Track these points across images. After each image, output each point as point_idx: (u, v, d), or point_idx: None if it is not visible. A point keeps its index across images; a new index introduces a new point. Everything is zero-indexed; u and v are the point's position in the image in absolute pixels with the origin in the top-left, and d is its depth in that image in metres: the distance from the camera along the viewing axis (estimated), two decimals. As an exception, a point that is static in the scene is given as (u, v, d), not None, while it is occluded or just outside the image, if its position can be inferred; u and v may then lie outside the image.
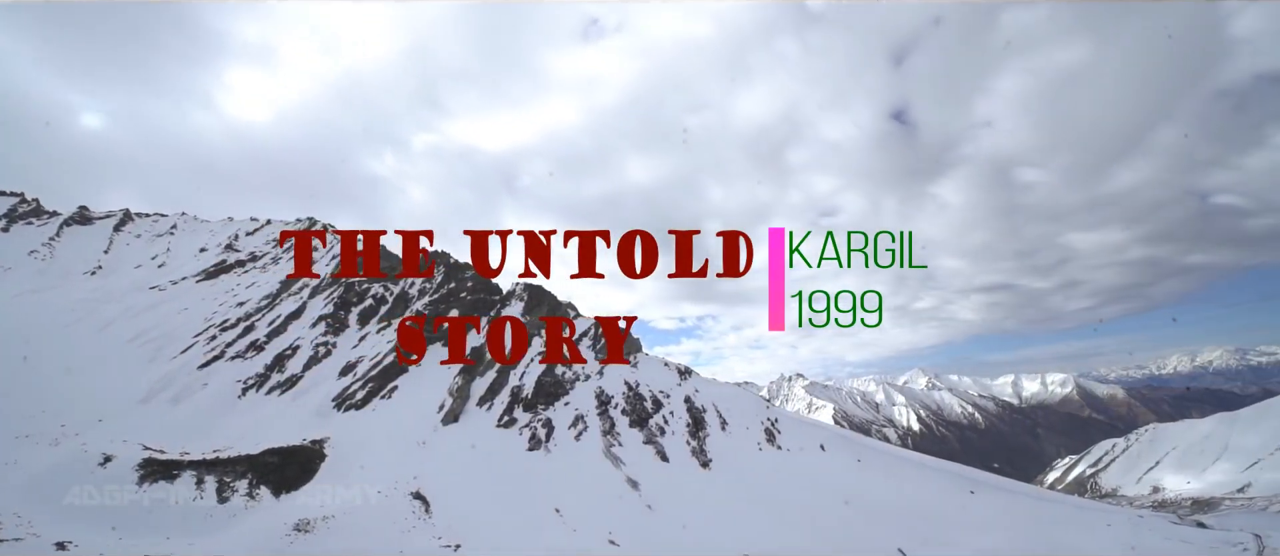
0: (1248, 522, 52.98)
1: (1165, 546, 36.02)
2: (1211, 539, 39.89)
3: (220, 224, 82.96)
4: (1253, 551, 35.57)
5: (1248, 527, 47.04)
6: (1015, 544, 35.20)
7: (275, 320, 52.82)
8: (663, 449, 45.18)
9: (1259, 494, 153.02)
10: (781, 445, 51.14)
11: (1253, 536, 40.62)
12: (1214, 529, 46.47)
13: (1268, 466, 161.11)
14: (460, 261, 64.06)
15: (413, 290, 60.06)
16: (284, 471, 32.50)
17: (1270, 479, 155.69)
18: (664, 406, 51.45)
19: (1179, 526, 47.07)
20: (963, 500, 44.91)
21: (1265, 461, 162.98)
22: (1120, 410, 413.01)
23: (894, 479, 48.20)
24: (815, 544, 34.39)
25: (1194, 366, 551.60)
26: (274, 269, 65.92)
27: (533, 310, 59.76)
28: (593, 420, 46.60)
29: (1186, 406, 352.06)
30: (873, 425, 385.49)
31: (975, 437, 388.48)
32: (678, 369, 60.99)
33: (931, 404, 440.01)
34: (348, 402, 42.47)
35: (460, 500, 33.31)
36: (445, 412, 42.66)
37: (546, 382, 49.25)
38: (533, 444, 41.85)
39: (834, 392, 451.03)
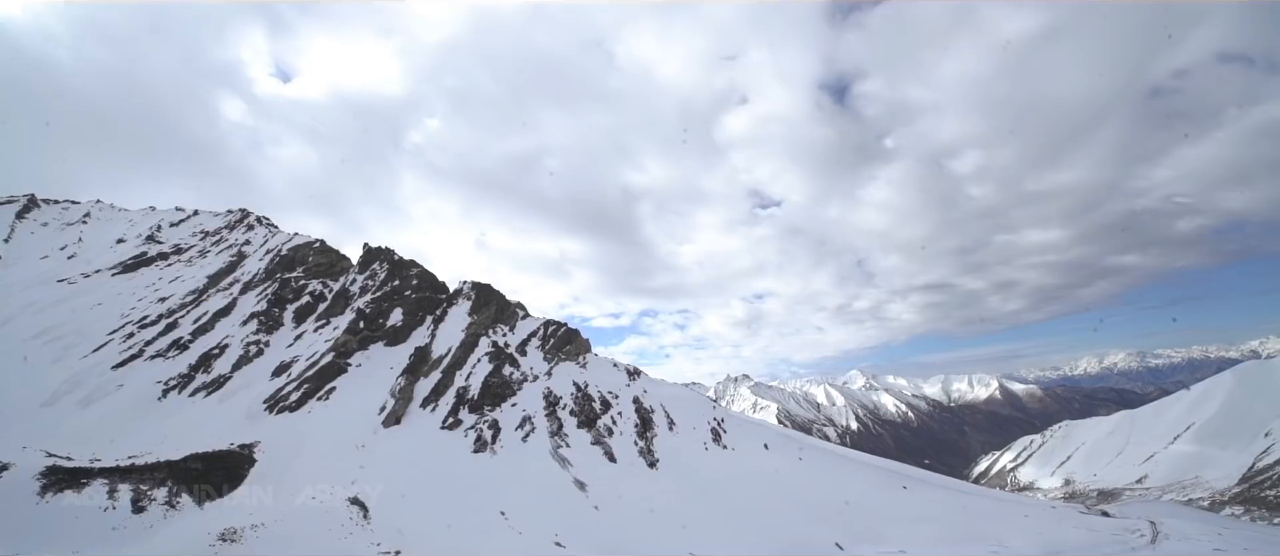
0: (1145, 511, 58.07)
1: (1075, 535, 38.98)
2: (1114, 526, 43.51)
3: (140, 213, 77.26)
4: (1148, 536, 39.07)
5: (1144, 515, 51.61)
6: (944, 535, 37.29)
7: (202, 317, 49.71)
8: (611, 449, 45.30)
9: (1154, 484, 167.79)
10: (727, 445, 52.22)
11: (1148, 523, 44.58)
12: (1116, 517, 50.74)
13: (1162, 460, 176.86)
14: (404, 258, 62.12)
15: (354, 287, 57.79)
16: (209, 478, 30.62)
17: (1164, 470, 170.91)
18: (613, 407, 51.61)
19: (1087, 516, 51.08)
20: (896, 495, 47.16)
21: (1160, 455, 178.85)
22: (1037, 408, 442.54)
23: (833, 476, 50.10)
24: (759, 540, 35.34)
25: (1102, 368, 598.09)
26: (201, 263, 61.98)
27: (480, 309, 58.68)
28: (540, 421, 46.23)
29: (1095, 405, 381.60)
30: (814, 424, 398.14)
31: (909, 435, 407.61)
32: (627, 370, 61.27)
33: (869, 404, 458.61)
34: (281, 404, 40.45)
35: (401, 504, 32.35)
36: (387, 414, 41.32)
37: (494, 383, 48.48)
38: (479, 445, 41.11)
39: (778, 393, 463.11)
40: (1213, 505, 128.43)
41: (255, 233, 69.12)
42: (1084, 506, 67.85)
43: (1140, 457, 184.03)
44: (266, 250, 63.44)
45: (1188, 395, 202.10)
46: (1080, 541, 37.03)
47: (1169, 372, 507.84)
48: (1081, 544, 36.14)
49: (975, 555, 32.66)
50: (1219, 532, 42.79)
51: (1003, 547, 34.24)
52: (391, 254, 62.07)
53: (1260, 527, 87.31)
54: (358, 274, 59.71)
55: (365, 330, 50.56)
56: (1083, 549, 34.69)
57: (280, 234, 68.20)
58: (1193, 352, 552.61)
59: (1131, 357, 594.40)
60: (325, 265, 60.34)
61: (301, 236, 65.62)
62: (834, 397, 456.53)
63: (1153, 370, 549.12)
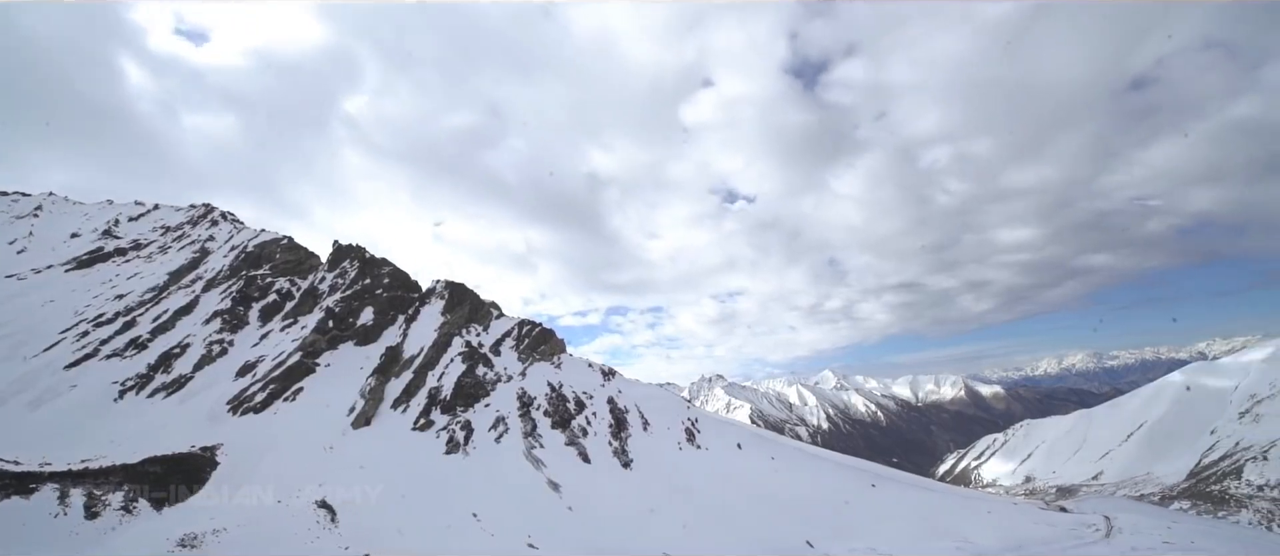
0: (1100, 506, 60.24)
1: (1035, 530, 40.29)
2: (1072, 522, 45.09)
3: (97, 207, 74.25)
4: (1103, 531, 40.61)
5: (1100, 510, 53.56)
6: (911, 532, 38.19)
7: (162, 316, 48.03)
8: (585, 450, 45.23)
9: (1109, 480, 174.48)
10: (701, 444, 52.60)
11: (1103, 518, 46.34)
12: (1074, 513, 52.54)
13: (1116, 456, 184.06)
14: (376, 256, 61.01)
15: (323, 285, 56.51)
16: (168, 482, 29.64)
17: (1118, 467, 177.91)
18: (587, 407, 51.53)
19: (1046, 512, 52.84)
20: (865, 493, 48.10)
21: (1114, 452, 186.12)
22: (1001, 408, 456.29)
23: (804, 475, 50.88)
24: (732, 540, 35.71)
25: (1061, 368, 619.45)
26: (162, 259, 59.86)
27: (454, 309, 57.97)
28: (514, 422, 45.91)
29: (1054, 404, 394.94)
30: (786, 424, 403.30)
31: (878, 434, 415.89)
32: (602, 370, 61.23)
33: (840, 403, 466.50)
34: (245, 406, 39.34)
35: (370, 507, 31.78)
36: (356, 415, 40.53)
37: (467, 384, 47.95)
38: (451, 447, 40.63)
39: (751, 393, 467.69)
40: (1162, 500, 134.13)
41: (219, 228, 67.05)
42: (1044, 502, 70.17)
43: (1096, 455, 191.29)
44: (231, 246, 61.61)
45: (1140, 395, 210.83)
46: (1040, 536, 38.29)
47: (1123, 373, 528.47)
48: (1041, 538, 37.39)
49: (941, 551, 33.52)
50: (1168, 526, 44.68)
51: (967, 543, 35.23)
52: (362, 252, 60.89)
53: (1206, 521, 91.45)
54: (327, 272, 58.42)
55: (334, 329, 49.50)
56: (1042, 543, 35.88)
57: (246, 230, 66.30)
58: (1145, 353, 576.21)
59: (1089, 358, 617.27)
60: (293, 263, 58.86)
61: (268, 233, 63.89)
62: (806, 398, 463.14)
63: (1109, 370, 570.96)
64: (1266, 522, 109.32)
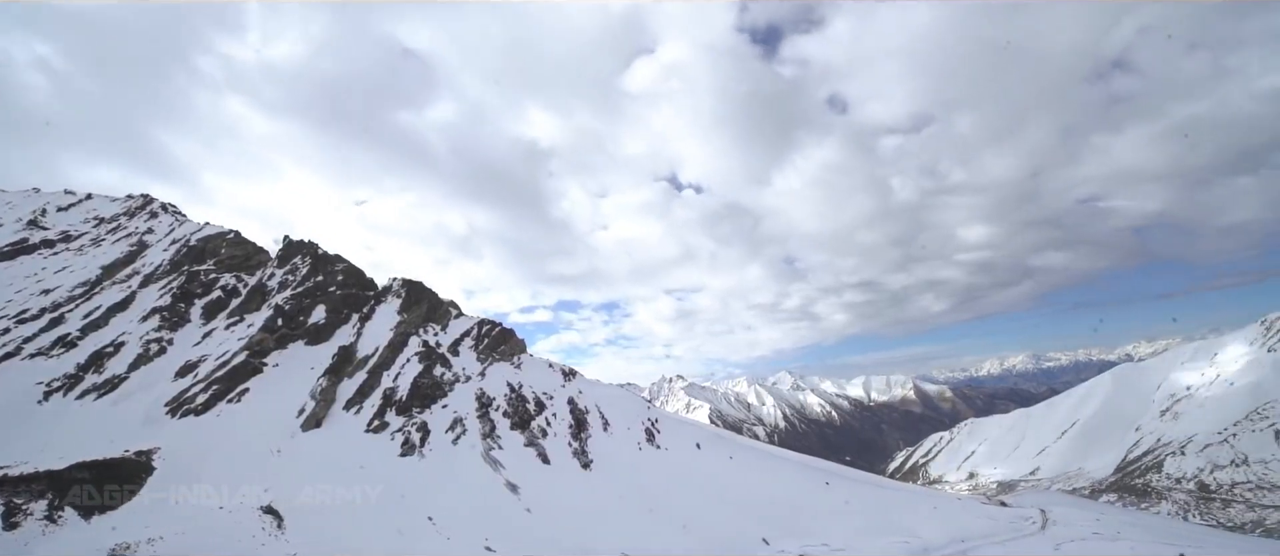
0: (1037, 500, 63.71)
1: (978, 524, 42.29)
2: (1011, 515, 47.55)
3: (21, 195, 69.22)
4: (1039, 523, 43.02)
5: (1036, 504, 56.67)
6: (863, 528, 39.50)
7: (93, 312, 45.22)
8: (544, 451, 44.96)
9: (1045, 475, 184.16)
10: (661, 444, 53.01)
11: (1039, 511, 49.07)
12: (1013, 507, 55.40)
13: (1052, 453, 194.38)
14: (330, 252, 59.04)
15: (272, 282, 54.30)
16: (98, 489, 28.00)
17: (1054, 463, 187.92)
18: (547, 408, 51.22)
19: (987, 506, 55.53)
20: (819, 491, 49.47)
21: (1050, 449, 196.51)
22: (947, 407, 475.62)
23: (761, 474, 51.94)
24: (690, 539, 36.14)
25: (1002, 369, 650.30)
26: (94, 252, 56.29)
27: (411, 308, 56.65)
28: (472, 423, 45.23)
29: (997, 404, 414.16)
30: (744, 424, 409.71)
31: (832, 433, 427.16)
32: (563, 370, 60.95)
33: (796, 403, 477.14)
34: (185, 407, 37.45)
35: (320, 512, 30.79)
36: (306, 417, 39.14)
37: (424, 384, 46.95)
38: (406, 448, 39.71)
39: (710, 394, 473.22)
40: (1093, 493, 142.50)
41: (159, 221, 63.54)
42: (986, 497, 73.60)
43: (1034, 451, 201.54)
44: (172, 240, 58.49)
45: (1073, 395, 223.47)
46: (982, 529, 40.23)
47: (1059, 373, 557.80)
48: (983, 531, 39.28)
49: (891, 545, 34.77)
50: (1097, 518, 47.66)
51: (915, 537, 36.67)
52: (315, 248, 58.81)
53: (1131, 512, 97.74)
54: (277, 268, 56.16)
55: (284, 328, 47.66)
56: (984, 536, 37.70)
57: (189, 223, 63.03)
58: (1079, 355, 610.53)
59: (1028, 360, 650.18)
60: (240, 258, 56.34)
61: (213, 226, 60.91)
62: (763, 398, 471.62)
63: (1046, 371, 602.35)
64: (1183, 513, 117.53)
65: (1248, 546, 41.83)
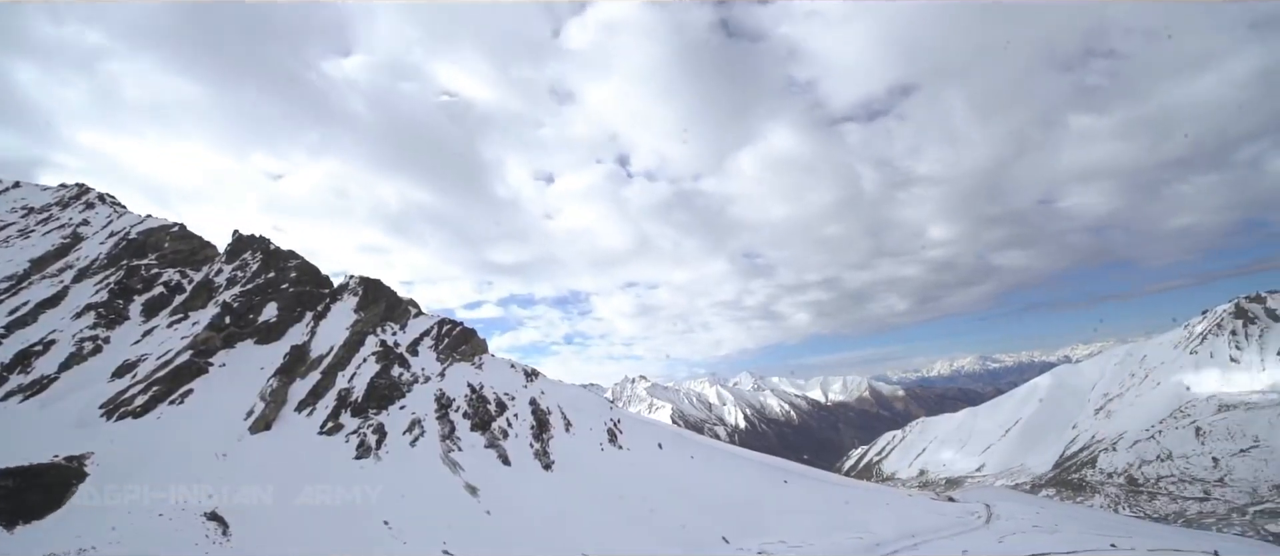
0: (982, 496, 66.52)
1: (927, 519, 43.91)
2: (958, 511, 49.53)
3: (-67, 180, 64.30)
4: (984, 518, 44.97)
5: (982, 499, 59.17)
6: (819, 525, 40.53)
7: (21, 308, 42.37)
8: (505, 452, 44.49)
9: (990, 472, 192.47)
10: (623, 445, 53.14)
11: (984, 506, 51.28)
12: (960, 502, 57.70)
13: (996, 451, 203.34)
14: (282, 248, 56.93)
15: (220, 278, 51.97)
16: (23, 497, 26.28)
17: (998, 460, 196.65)
18: (509, 409, 50.70)
19: (936, 502, 57.71)
20: (778, 489, 50.50)
21: (995, 446, 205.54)
22: (900, 407, 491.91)
23: (721, 473, 52.68)
24: (651, 538, 36.38)
25: (952, 370, 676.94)
26: (22, 244, 52.69)
27: (368, 306, 55.15)
28: (431, 424, 44.39)
29: (946, 403, 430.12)
30: (706, 423, 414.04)
31: (791, 433, 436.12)
32: (525, 371, 60.42)
33: (756, 403, 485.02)
34: (122, 410, 35.48)
35: (268, 518, 29.70)
36: (255, 419, 37.65)
37: (380, 385, 45.81)
38: (361, 451, 38.67)
39: (673, 394, 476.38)
40: (1033, 488, 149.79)
41: (96, 212, 59.95)
42: (935, 494, 76.47)
43: (980, 449, 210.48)
44: (110, 232, 55.27)
45: (1016, 394, 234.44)
46: (931, 525, 41.80)
47: (1004, 374, 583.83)
48: (932, 527, 40.83)
49: (845, 541, 35.80)
50: (1037, 511, 50.12)
51: (868, 533, 37.87)
52: (267, 243, 56.58)
53: (1068, 506, 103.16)
54: (225, 264, 53.79)
55: (232, 326, 45.68)
56: (933, 531, 39.20)
57: (129, 215, 59.64)
58: (1023, 356, 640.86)
59: (975, 361, 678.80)
60: (185, 253, 53.71)
61: (156, 219, 57.81)
62: (724, 398, 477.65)
63: (992, 372, 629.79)
64: (1114, 506, 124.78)
65: (1170, 536, 44.69)
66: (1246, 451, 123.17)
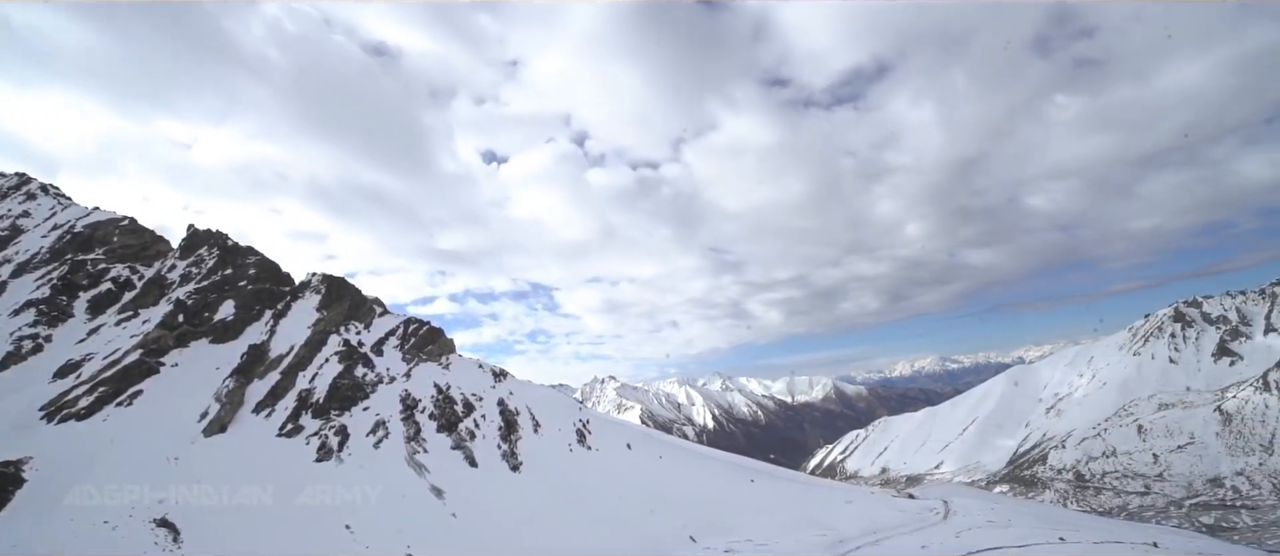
0: (940, 492, 68.62)
1: (889, 516, 45.10)
2: (918, 507, 50.99)
3: None
4: (943, 513, 46.42)
5: (940, 496, 61.03)
6: (784, 523, 41.24)
7: (-51, 303, 40.02)
8: (472, 454, 43.95)
9: (948, 469, 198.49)
10: (592, 446, 53.06)
11: (942, 503, 52.91)
12: (919, 499, 59.41)
13: (954, 448, 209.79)
14: (241, 244, 54.98)
15: (173, 274, 49.91)
16: (-44, 503, 24.88)
17: (956, 457, 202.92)
18: (476, 410, 50.09)
19: (897, 499, 59.30)
20: (744, 488, 51.16)
21: (953, 444, 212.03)
22: (864, 406, 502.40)
23: (689, 472, 53.10)
24: (619, 538, 36.46)
25: (913, 371, 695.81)
26: (-50, 236, 49.75)
27: (331, 305, 53.72)
28: (396, 426, 43.53)
29: (907, 403, 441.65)
30: (675, 424, 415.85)
31: (758, 432, 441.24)
32: (493, 371, 59.76)
33: (724, 404, 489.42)
34: (65, 412, 33.81)
35: (222, 524, 28.73)
36: (210, 421, 36.31)
37: (343, 385, 44.70)
38: (322, 453, 37.68)
39: (642, 394, 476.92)
40: (988, 484, 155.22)
41: (38, 203, 56.80)
42: (896, 491, 78.61)
43: (939, 447, 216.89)
44: (53, 225, 52.47)
45: (973, 395, 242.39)
46: (893, 521, 42.98)
47: (962, 374, 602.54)
48: (893, 523, 41.97)
49: (810, 539, 36.53)
50: (992, 507, 51.99)
51: (831, 530, 38.72)
52: (224, 239, 54.56)
53: (1020, 501, 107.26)
54: (179, 260, 51.67)
55: (185, 324, 43.95)
56: (894, 527, 40.31)
57: (74, 207, 56.68)
58: (979, 357, 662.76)
59: (935, 362, 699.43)
60: (135, 247, 51.37)
61: (104, 212, 55.07)
62: (693, 398, 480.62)
63: (950, 373, 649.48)
64: (1063, 500, 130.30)
65: (1113, 529, 46.99)
66: (1183, 448, 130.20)
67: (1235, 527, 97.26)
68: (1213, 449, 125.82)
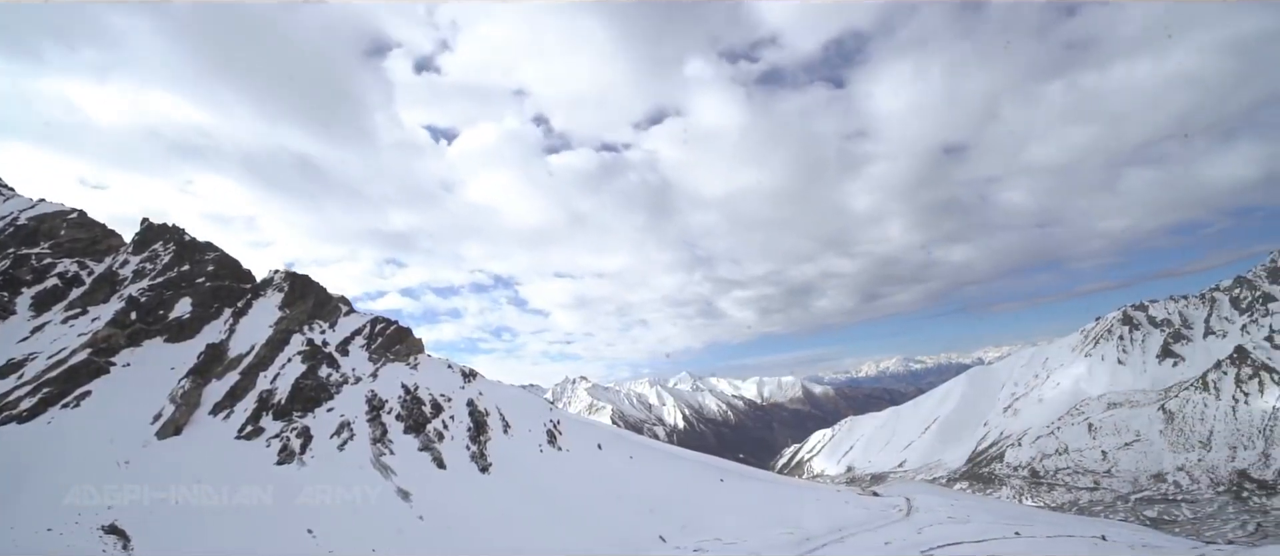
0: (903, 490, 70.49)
1: (854, 514, 46.12)
2: (882, 504, 52.26)
3: None
4: (905, 510, 47.70)
5: (903, 493, 62.72)
6: (753, 522, 41.79)
7: (-124, 299, 37.59)
8: (440, 455, 43.34)
9: (910, 467, 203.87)
10: (562, 446, 52.90)
11: (905, 500, 54.37)
12: (883, 496, 60.93)
13: (917, 447, 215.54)
14: (199, 240, 53.06)
15: (125, 271, 47.85)
16: (-116, 511, 23.41)
17: (918, 455, 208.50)
18: (445, 410, 49.42)
19: (862, 496, 60.70)
20: (714, 487, 51.68)
21: (915, 443, 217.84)
22: (831, 406, 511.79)
23: (659, 472, 53.39)
24: (589, 538, 36.44)
25: (878, 371, 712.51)
26: (-123, 226, 46.73)
27: (295, 303, 52.27)
28: (361, 427, 42.62)
29: (872, 403, 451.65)
30: (645, 424, 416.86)
31: (728, 432, 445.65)
32: (462, 371, 59.04)
33: (695, 404, 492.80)
34: (6, 414, 32.14)
35: (175, 530, 27.71)
36: (164, 423, 34.97)
37: (307, 386, 43.56)
38: (284, 456, 36.67)
39: (614, 395, 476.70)
40: (949, 482, 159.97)
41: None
42: (861, 489, 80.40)
43: (902, 446, 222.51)
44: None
45: (935, 394, 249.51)
46: (857, 518, 43.97)
47: (925, 375, 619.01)
48: (858, 520, 42.95)
49: (777, 537, 37.11)
50: (951, 503, 53.65)
51: (798, 528, 39.42)
52: (181, 234, 52.56)
53: (978, 498, 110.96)
54: (132, 255, 49.57)
55: (138, 322, 42.21)
56: (859, 524, 41.25)
57: (17, 198, 53.73)
58: (942, 358, 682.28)
59: (899, 362, 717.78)
60: (85, 241, 49.04)
61: (50, 204, 52.42)
62: (664, 398, 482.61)
63: (914, 373, 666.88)
64: (1019, 496, 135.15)
65: (1065, 523, 48.98)
66: (1130, 445, 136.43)
67: (1176, 520, 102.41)
68: (1156, 446, 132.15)
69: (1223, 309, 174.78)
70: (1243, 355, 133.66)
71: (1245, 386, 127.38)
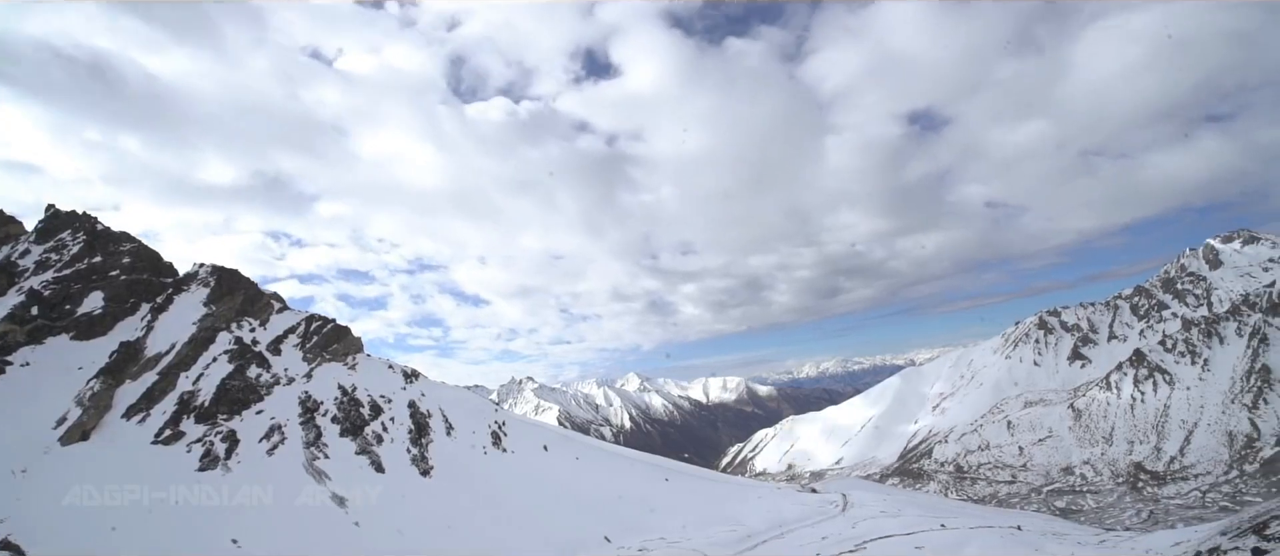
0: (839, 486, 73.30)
1: (794, 510, 47.66)
2: (819, 500, 54.24)
3: None
4: (841, 506, 49.70)
5: (839, 489, 65.22)
6: (697, 520, 42.54)
7: None
8: (379, 459, 41.90)
9: (847, 464, 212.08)
10: (507, 448, 52.19)
11: (841, 496, 56.64)
12: (821, 493, 63.17)
13: (853, 445, 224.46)
14: (114, 229, 49.15)
15: (26, 261, 43.73)
16: None
17: (854, 453, 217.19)
18: (384, 412, 47.81)
19: (801, 493, 62.75)
20: (659, 487, 52.23)
21: (852, 441, 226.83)
22: (773, 406, 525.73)
23: (606, 473, 53.52)
24: (534, 541, 36.17)
25: (818, 372, 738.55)
26: None
27: (222, 299, 49.23)
28: (294, 430, 40.64)
29: (812, 402, 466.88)
30: (593, 424, 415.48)
31: (674, 432, 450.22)
32: (403, 372, 57.27)
33: (642, 404, 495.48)
34: (-122, 418, 28.83)
35: (80, 544, 25.63)
36: (69, 428, 32.23)
37: (234, 387, 41.13)
38: (207, 462, 34.49)
39: (561, 395, 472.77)
40: (882, 478, 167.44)
41: None
42: (800, 486, 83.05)
43: (839, 443, 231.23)
44: None
45: (871, 394, 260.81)
46: (797, 514, 45.47)
47: (862, 376, 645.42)
48: (797, 516, 44.44)
49: (720, 534, 37.94)
50: (884, 498, 56.27)
51: (741, 525, 40.43)
52: (92, 222, 48.48)
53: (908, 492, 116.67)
54: (34, 244, 45.34)
55: (41, 318, 38.69)
56: (798, 520, 42.69)
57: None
58: (877, 360, 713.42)
59: (838, 363, 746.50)
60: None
61: (-68, 185, 47.38)
62: (611, 399, 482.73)
63: (852, 374, 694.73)
64: (945, 491, 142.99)
65: (986, 515, 52.32)
66: (1043, 441, 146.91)
67: (1082, 510, 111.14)
68: (1066, 441, 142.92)
69: (1124, 315, 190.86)
70: (1140, 357, 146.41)
71: (1142, 386, 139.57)
